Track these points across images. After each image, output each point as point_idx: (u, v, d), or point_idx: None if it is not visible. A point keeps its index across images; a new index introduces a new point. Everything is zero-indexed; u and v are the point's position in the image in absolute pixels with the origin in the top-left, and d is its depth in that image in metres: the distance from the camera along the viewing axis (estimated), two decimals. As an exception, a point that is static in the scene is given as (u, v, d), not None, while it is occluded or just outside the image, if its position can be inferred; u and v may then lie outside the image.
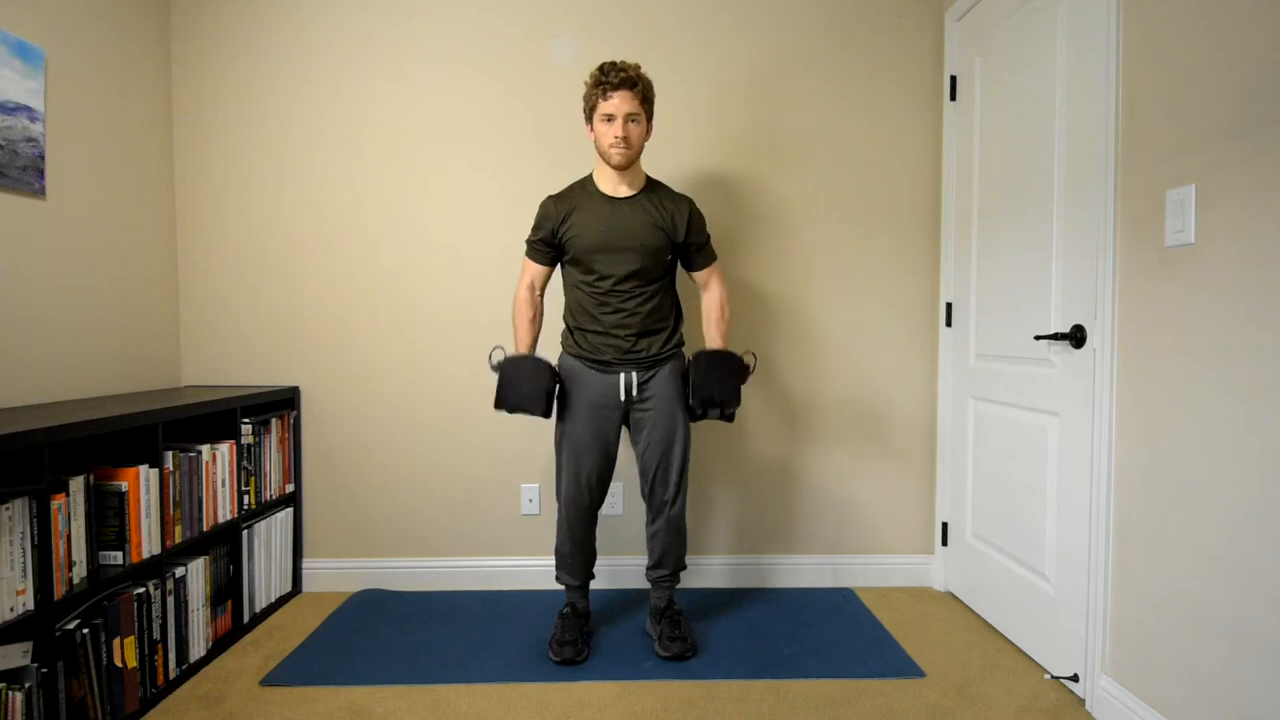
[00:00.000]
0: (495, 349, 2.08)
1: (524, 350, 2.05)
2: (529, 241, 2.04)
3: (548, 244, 2.01)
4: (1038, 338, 1.83)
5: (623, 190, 1.97)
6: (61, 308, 2.00)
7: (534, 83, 2.45)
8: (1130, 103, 1.58)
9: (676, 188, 2.48)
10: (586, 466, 1.99)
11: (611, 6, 2.45)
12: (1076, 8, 1.77)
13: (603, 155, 1.94)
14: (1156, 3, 1.51)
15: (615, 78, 1.86)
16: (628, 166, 1.94)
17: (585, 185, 2.01)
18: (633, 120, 1.89)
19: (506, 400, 1.93)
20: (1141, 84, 1.55)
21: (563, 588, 2.19)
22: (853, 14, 2.46)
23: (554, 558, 2.12)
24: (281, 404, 2.43)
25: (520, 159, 2.46)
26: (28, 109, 1.87)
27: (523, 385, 1.94)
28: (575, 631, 2.00)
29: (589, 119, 1.94)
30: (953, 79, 2.41)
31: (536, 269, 2.05)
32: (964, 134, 2.35)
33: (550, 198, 2.02)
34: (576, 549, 2.05)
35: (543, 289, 2.08)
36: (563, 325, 2.08)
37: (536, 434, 2.49)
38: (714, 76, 2.46)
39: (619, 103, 1.87)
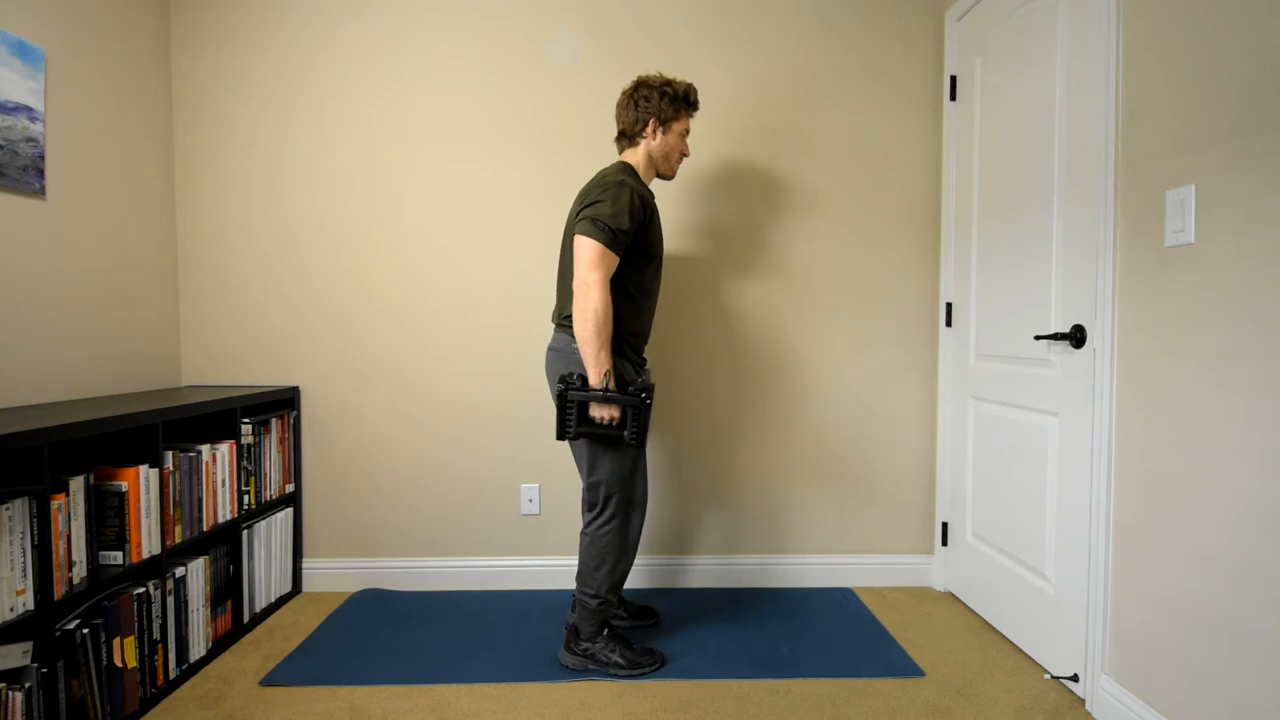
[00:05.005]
0: (641, 378, 1.85)
1: (613, 372, 1.77)
2: (618, 230, 1.72)
3: (630, 237, 1.77)
4: (1038, 338, 1.83)
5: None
6: (61, 307, 2.00)
7: (534, 83, 2.45)
8: (1130, 103, 1.58)
9: (675, 189, 2.49)
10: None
11: (612, 7, 2.45)
12: (1076, 8, 1.77)
13: (665, 166, 1.98)
14: (1156, 3, 1.51)
15: (697, 101, 1.98)
16: None
17: (639, 181, 1.90)
18: None
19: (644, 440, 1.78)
20: (1141, 84, 1.55)
21: (604, 605, 1.91)
22: (852, 14, 2.46)
23: (607, 582, 1.88)
24: (281, 404, 2.43)
25: (521, 159, 2.46)
26: (28, 109, 1.87)
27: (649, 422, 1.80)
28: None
29: (665, 126, 1.93)
30: (953, 79, 2.41)
31: (615, 265, 1.76)
32: (964, 134, 2.35)
33: (632, 187, 1.79)
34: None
35: None
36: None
37: (536, 434, 2.49)
38: (713, 76, 2.46)
39: (690, 124, 1.98)
